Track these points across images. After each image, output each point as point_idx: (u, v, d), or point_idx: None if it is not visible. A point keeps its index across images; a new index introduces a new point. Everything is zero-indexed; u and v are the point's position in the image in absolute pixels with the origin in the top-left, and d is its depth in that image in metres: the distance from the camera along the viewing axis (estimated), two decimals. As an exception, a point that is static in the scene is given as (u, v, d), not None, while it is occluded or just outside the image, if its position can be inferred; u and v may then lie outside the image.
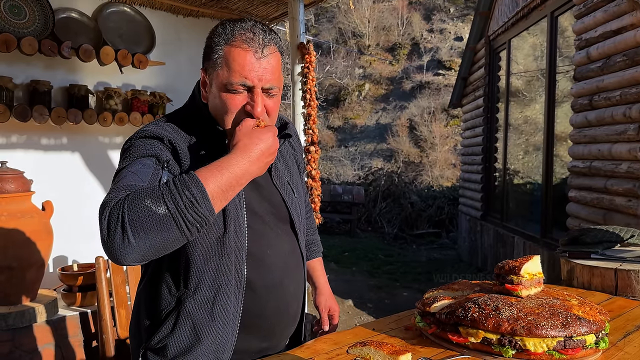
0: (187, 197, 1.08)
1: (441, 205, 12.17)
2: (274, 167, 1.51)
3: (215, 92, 1.36)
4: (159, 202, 1.07)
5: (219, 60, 1.34)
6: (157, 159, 1.25)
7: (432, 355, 1.35)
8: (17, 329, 2.94)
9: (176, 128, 1.37)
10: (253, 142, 1.22)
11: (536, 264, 1.51)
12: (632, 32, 4.07)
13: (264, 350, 1.48)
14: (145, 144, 1.29)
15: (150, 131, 1.33)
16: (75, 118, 3.56)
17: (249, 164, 1.21)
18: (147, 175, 1.20)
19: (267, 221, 1.46)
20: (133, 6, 4.01)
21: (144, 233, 1.06)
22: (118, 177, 1.22)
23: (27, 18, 3.39)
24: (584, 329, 1.29)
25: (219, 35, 1.35)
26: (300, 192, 1.63)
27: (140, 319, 1.43)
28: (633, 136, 4.04)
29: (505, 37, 7.45)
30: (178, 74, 4.36)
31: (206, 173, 1.14)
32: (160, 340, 1.36)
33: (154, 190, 1.10)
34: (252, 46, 1.32)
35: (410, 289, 6.92)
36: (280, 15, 4.63)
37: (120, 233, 1.06)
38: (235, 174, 1.17)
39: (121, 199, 1.09)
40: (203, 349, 1.34)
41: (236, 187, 1.18)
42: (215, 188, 1.12)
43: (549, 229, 5.88)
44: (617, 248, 2.23)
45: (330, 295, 1.85)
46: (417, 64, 19.29)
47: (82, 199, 3.89)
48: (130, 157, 1.28)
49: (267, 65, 1.33)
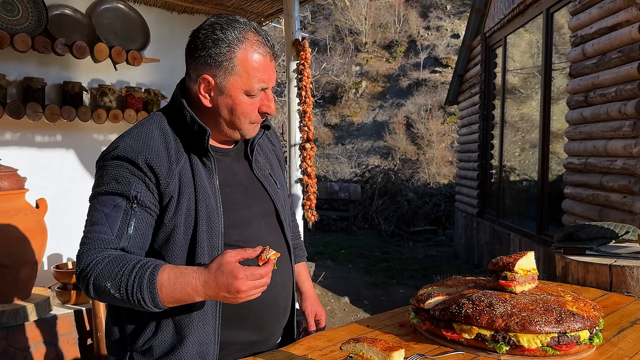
0: (138, 296, 1.23)
1: (437, 203, 12.18)
2: (255, 160, 1.54)
3: (231, 97, 1.38)
4: (116, 288, 1.24)
5: (234, 68, 1.36)
6: (128, 200, 1.32)
7: (426, 351, 1.34)
8: (11, 327, 2.93)
9: (157, 136, 1.39)
10: (237, 279, 1.21)
11: (530, 260, 1.50)
12: (627, 29, 4.06)
13: (256, 343, 1.49)
14: (117, 170, 1.34)
15: (123, 151, 1.35)
16: (69, 115, 3.55)
17: (207, 294, 1.26)
18: (115, 223, 1.31)
19: (248, 213, 1.48)
20: (127, 3, 3.99)
21: (102, 299, 1.33)
22: (90, 216, 1.35)
23: (21, 15, 3.37)
24: (578, 324, 1.29)
25: (228, 42, 1.35)
26: (283, 184, 1.65)
27: (122, 324, 1.44)
28: (628, 132, 4.04)
29: (501, 34, 7.45)
30: (172, 71, 4.34)
31: (166, 281, 1.24)
32: (145, 342, 1.39)
33: (118, 274, 1.24)
34: (265, 50, 1.38)
35: (406, 286, 6.93)
36: (275, 12, 4.61)
37: (85, 289, 1.30)
38: (189, 296, 1.25)
39: (91, 266, 1.28)
40: (187, 348, 1.37)
41: (188, 301, 1.27)
42: (167, 296, 1.24)
43: (545, 225, 5.89)
44: (612, 244, 2.23)
45: (316, 300, 1.83)
46: (414, 61, 19.31)
47: (76, 196, 3.87)
48: (103, 184, 1.35)
49: (274, 66, 1.41)
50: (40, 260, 3.14)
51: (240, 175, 1.50)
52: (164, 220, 1.36)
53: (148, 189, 1.34)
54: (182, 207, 1.36)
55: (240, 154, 1.54)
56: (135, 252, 1.34)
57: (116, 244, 1.31)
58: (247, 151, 1.54)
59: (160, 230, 1.37)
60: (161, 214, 1.36)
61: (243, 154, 1.55)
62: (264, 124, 1.55)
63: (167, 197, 1.35)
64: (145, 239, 1.36)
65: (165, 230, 1.37)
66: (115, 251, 1.31)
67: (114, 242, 1.31)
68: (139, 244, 1.35)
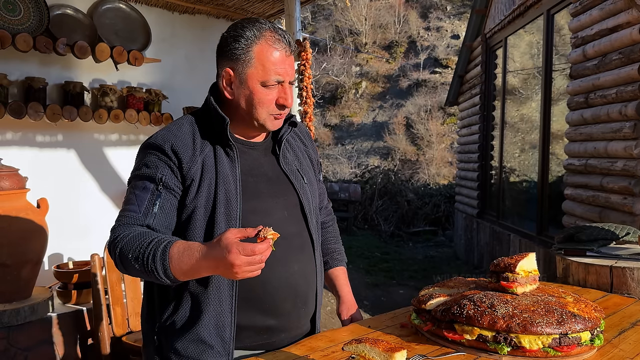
0: (152, 267, 1.36)
1: (437, 203, 12.18)
2: (282, 155, 1.65)
3: (248, 88, 1.51)
4: (135, 259, 1.38)
5: (251, 60, 1.49)
6: (155, 182, 1.48)
7: (427, 352, 1.34)
8: (12, 327, 2.94)
9: (187, 128, 1.55)
10: (231, 253, 1.27)
11: (531, 262, 1.51)
12: (627, 30, 4.07)
13: (273, 329, 1.54)
14: (148, 157, 1.52)
15: (155, 140, 1.53)
16: (70, 115, 3.55)
17: (209, 267, 1.34)
18: (143, 202, 1.47)
19: (270, 202, 1.57)
20: (129, 3, 4.00)
21: (128, 272, 1.44)
22: (126, 196, 1.52)
23: (22, 14, 3.37)
24: (579, 326, 1.30)
25: (246, 37, 1.49)
26: (312, 182, 1.73)
27: (152, 301, 1.58)
28: (629, 134, 4.05)
29: (501, 35, 7.45)
30: (174, 71, 4.35)
31: (178, 254, 1.35)
32: (168, 317, 1.52)
33: (138, 247, 1.39)
34: (282, 46, 1.50)
35: (406, 287, 6.93)
36: (276, 12, 4.62)
37: (114, 260, 1.46)
38: (194, 268, 1.36)
39: (119, 239, 1.42)
40: (204, 324, 1.47)
41: (195, 274, 1.38)
42: (176, 269, 1.35)
43: (545, 226, 5.89)
44: (613, 246, 2.24)
45: (353, 305, 1.83)
46: (414, 61, 19.31)
47: (78, 196, 3.88)
48: (136, 169, 1.53)
49: (292, 62, 1.53)
50: (41, 260, 3.15)
51: (265, 167, 1.61)
52: (185, 201, 1.49)
53: (173, 173, 1.49)
54: (203, 190, 1.48)
55: (269, 149, 1.65)
56: (161, 230, 1.48)
57: (143, 221, 1.46)
58: (275, 146, 1.65)
59: (183, 211, 1.50)
60: (183, 195, 1.50)
61: (271, 149, 1.66)
62: (291, 121, 1.66)
63: (189, 179, 1.48)
64: (169, 218, 1.50)
65: (186, 211, 1.49)
66: (141, 227, 1.45)
67: (141, 219, 1.46)
68: (163, 222, 1.48)
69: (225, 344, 1.48)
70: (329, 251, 1.87)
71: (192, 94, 4.44)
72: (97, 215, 3.97)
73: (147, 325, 1.58)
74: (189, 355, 1.48)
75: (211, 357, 1.48)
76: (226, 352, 1.48)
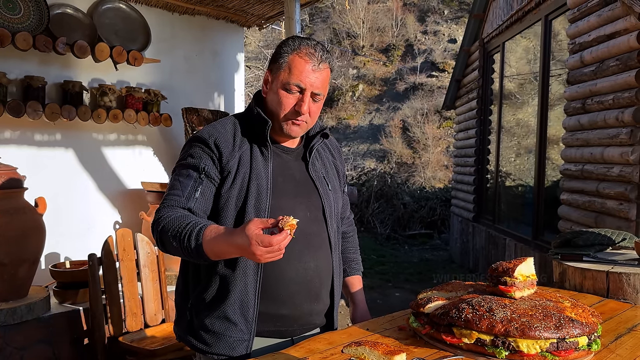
0: (186, 247, 1.50)
1: (433, 207, 12.19)
2: (311, 162, 1.79)
3: (275, 89, 1.67)
4: (175, 239, 1.52)
5: (283, 64, 1.65)
6: (198, 171, 1.64)
7: (425, 355, 1.35)
8: (8, 326, 2.93)
9: (230, 126, 1.71)
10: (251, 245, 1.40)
11: (529, 266, 1.52)
12: (625, 37, 4.09)
13: (285, 318, 1.67)
14: (193, 148, 1.68)
15: (200, 134, 1.69)
16: (69, 114, 3.55)
17: (237, 251, 1.47)
18: (186, 188, 1.63)
19: (295, 202, 1.70)
20: (129, 3, 4.00)
21: (165, 248, 1.59)
22: (170, 183, 1.68)
23: (22, 13, 3.37)
24: (577, 330, 1.31)
25: (288, 45, 1.67)
26: (337, 190, 1.87)
27: (187, 279, 1.73)
28: (625, 140, 4.07)
29: (499, 40, 7.47)
30: (173, 72, 4.35)
31: (210, 237, 1.48)
32: (199, 293, 1.67)
33: (178, 227, 1.53)
34: (312, 59, 1.64)
35: (402, 290, 6.94)
36: (276, 15, 4.63)
37: (155, 238, 1.61)
38: (223, 250, 1.49)
39: (162, 218, 1.58)
40: (230, 302, 1.62)
41: (225, 254, 1.52)
42: (208, 249, 1.49)
43: (541, 231, 5.91)
44: (609, 251, 2.25)
45: (366, 312, 1.95)
46: (411, 65, 19.34)
47: (76, 195, 3.88)
48: (182, 159, 1.69)
49: (319, 76, 1.65)
50: (38, 259, 3.14)
51: (294, 170, 1.75)
52: (221, 191, 1.64)
53: (214, 164, 1.65)
54: (237, 182, 1.63)
55: (300, 155, 1.80)
56: (200, 214, 1.62)
57: (185, 204, 1.61)
58: (306, 154, 1.79)
59: (218, 200, 1.65)
60: (220, 185, 1.65)
61: (302, 156, 1.80)
62: (323, 133, 1.82)
63: (226, 171, 1.64)
64: (208, 204, 1.65)
65: (221, 200, 1.64)
66: (183, 210, 1.60)
67: (183, 203, 1.61)
68: (202, 207, 1.63)
69: (248, 324, 1.62)
70: (347, 260, 2.00)
71: (190, 95, 4.44)
72: (94, 215, 3.96)
73: (182, 302, 1.74)
74: (215, 331, 1.63)
75: (235, 333, 1.62)
76: (249, 331, 1.63)
